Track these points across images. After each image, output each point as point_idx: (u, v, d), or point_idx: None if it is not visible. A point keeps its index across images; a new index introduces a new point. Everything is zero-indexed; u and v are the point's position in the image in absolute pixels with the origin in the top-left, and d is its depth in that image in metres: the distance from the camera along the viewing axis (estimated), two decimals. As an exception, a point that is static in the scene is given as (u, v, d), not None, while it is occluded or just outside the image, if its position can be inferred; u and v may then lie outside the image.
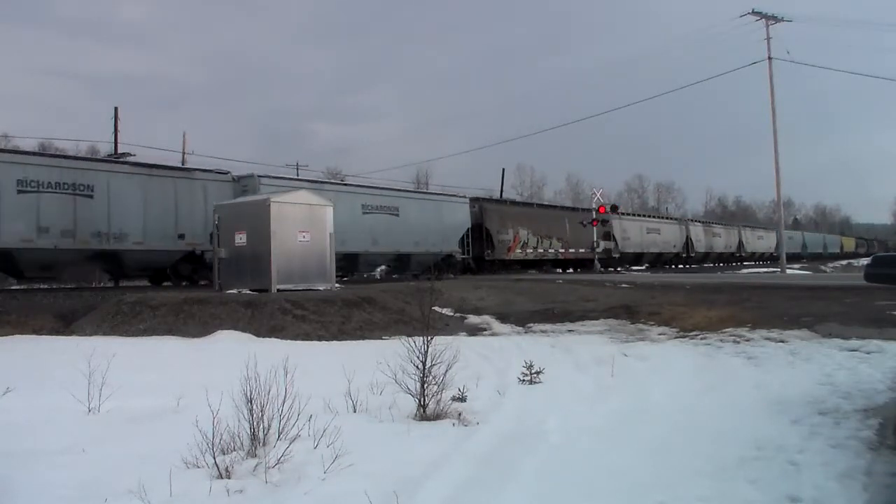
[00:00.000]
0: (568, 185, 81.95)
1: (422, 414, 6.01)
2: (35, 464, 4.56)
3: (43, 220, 16.04)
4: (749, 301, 13.32)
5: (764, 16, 31.46)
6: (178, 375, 7.86)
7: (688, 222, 49.18)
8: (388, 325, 13.05)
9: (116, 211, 17.34)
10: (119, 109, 33.50)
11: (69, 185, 16.61)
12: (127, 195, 17.61)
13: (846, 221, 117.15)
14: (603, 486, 4.26)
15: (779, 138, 32.21)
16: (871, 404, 5.78)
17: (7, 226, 15.47)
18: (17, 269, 16.84)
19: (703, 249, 47.87)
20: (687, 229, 46.36)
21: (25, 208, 15.73)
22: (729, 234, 53.44)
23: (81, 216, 16.66)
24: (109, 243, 17.28)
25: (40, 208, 15.97)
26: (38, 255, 16.33)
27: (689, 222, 49.31)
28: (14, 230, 15.58)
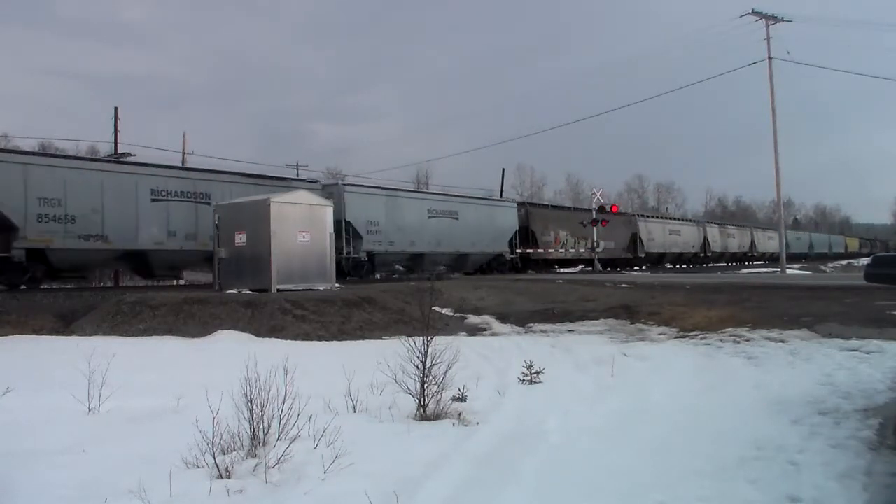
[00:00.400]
0: (568, 185, 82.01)
1: (422, 414, 6.01)
2: (35, 464, 4.56)
3: (171, 224, 18.55)
4: (749, 301, 13.32)
5: (764, 16, 31.44)
6: (178, 375, 7.87)
7: (705, 224, 51.76)
8: (388, 325, 13.05)
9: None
10: (119, 109, 33.47)
11: (191, 193, 19.10)
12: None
13: (846, 221, 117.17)
14: (603, 486, 4.26)
15: (779, 138, 32.21)
16: (871, 404, 5.78)
17: (143, 230, 17.86)
18: (150, 270, 19.36)
19: (719, 249, 50.39)
20: (704, 230, 49.03)
21: (157, 214, 18.23)
22: (742, 235, 56.03)
23: (201, 222, 18.85)
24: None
25: (169, 214, 18.49)
26: (167, 256, 18.89)
27: (706, 224, 51.94)
28: (148, 234, 17.98)
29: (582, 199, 61.63)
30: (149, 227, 18.06)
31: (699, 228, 48.88)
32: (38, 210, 15.83)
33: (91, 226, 16.80)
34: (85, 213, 16.65)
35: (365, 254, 23.05)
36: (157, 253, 18.53)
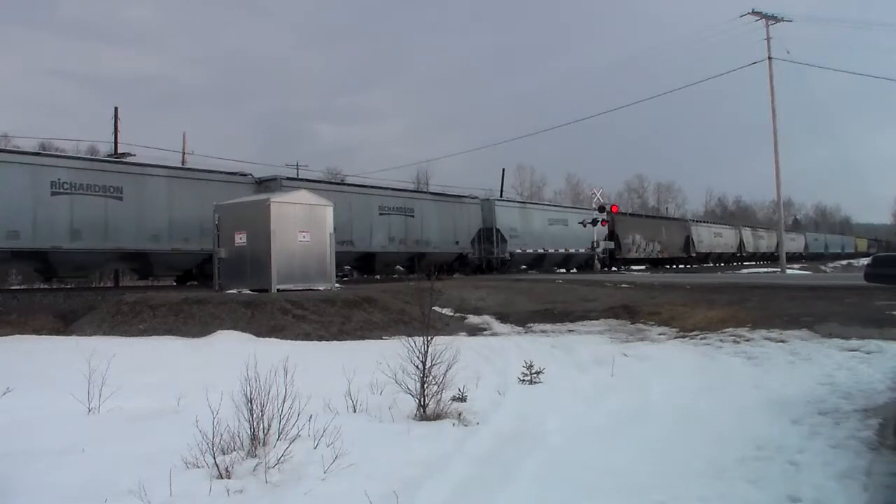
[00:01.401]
0: (568, 185, 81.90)
1: (422, 414, 6.01)
2: (35, 464, 4.56)
3: (391, 232, 24.54)
4: (749, 301, 13.32)
5: (764, 16, 31.44)
6: (178, 375, 7.87)
7: (740, 228, 58.41)
8: (389, 325, 13.05)
9: (426, 226, 26.19)
10: (119, 109, 33.52)
11: (402, 208, 25.24)
12: (430, 215, 26.51)
13: (846, 221, 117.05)
14: (603, 487, 4.26)
15: (779, 138, 32.31)
16: (871, 404, 5.78)
17: (374, 238, 23.91)
18: (373, 266, 24.66)
19: (751, 250, 57.41)
20: (740, 233, 56.42)
21: (383, 225, 24.29)
22: (770, 237, 62.46)
23: (410, 230, 25.36)
24: (419, 247, 25.65)
25: (391, 225, 24.56)
26: (387, 256, 24.64)
27: (741, 227, 58.74)
28: (377, 240, 24.01)
29: (582, 200, 61.65)
30: (377, 234, 23.94)
31: (735, 231, 55.59)
32: None
33: (344, 234, 21.61)
34: (341, 224, 20.49)
35: (509, 254, 29.37)
36: (381, 254, 24.31)
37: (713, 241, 50.55)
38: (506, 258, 29.35)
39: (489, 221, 28.89)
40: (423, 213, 26.19)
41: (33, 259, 16.79)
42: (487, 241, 28.77)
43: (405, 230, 25.27)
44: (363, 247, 23.48)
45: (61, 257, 16.78)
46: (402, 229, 25.17)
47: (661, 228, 44.02)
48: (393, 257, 25.17)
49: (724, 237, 52.68)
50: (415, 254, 25.66)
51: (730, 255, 53.09)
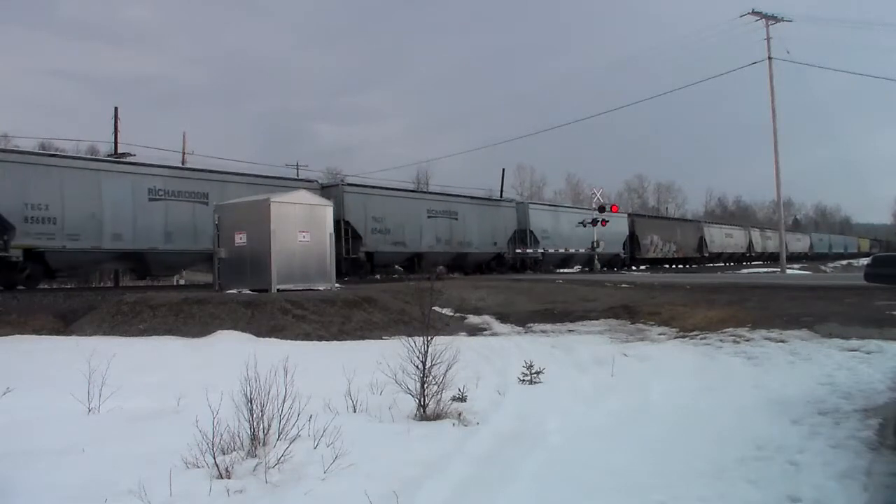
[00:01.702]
0: (568, 185, 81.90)
1: (422, 414, 6.01)
2: (35, 464, 4.56)
3: (437, 234, 27.37)
4: (749, 301, 13.31)
5: (764, 16, 31.44)
6: (178, 375, 7.87)
7: (749, 229, 60.82)
8: (389, 325, 13.05)
9: (468, 228, 28.83)
10: (119, 109, 33.56)
11: (447, 212, 27.97)
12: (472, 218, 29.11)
13: (846, 221, 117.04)
14: (603, 487, 4.26)
15: (779, 138, 32.32)
16: (871, 404, 5.78)
17: (423, 239, 26.44)
18: (422, 265, 25.62)
19: (759, 250, 59.59)
20: (749, 234, 58.84)
21: (431, 227, 27.04)
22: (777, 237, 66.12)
23: (454, 232, 28.10)
24: (462, 248, 28.52)
25: (437, 227, 27.30)
26: (433, 256, 26.41)
27: (750, 229, 61.12)
28: (425, 241, 26.54)
29: (582, 200, 61.70)
30: (425, 236, 26.66)
31: (745, 232, 57.85)
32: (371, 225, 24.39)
33: (397, 236, 25.20)
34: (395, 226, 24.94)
35: (541, 254, 31.74)
36: (429, 254, 26.42)
37: (724, 241, 53.04)
38: (538, 258, 31.87)
39: (523, 223, 31.42)
40: (466, 216, 28.78)
41: (132, 259, 18.83)
42: (521, 242, 31.22)
43: (450, 232, 27.99)
44: (414, 248, 26.17)
45: (156, 258, 18.96)
46: (448, 231, 27.89)
47: (677, 230, 46.55)
48: (439, 257, 27.03)
49: (734, 237, 55.17)
50: (458, 254, 28.49)
51: (740, 255, 55.50)
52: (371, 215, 24.36)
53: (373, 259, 24.53)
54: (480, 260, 29.75)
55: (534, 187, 77.19)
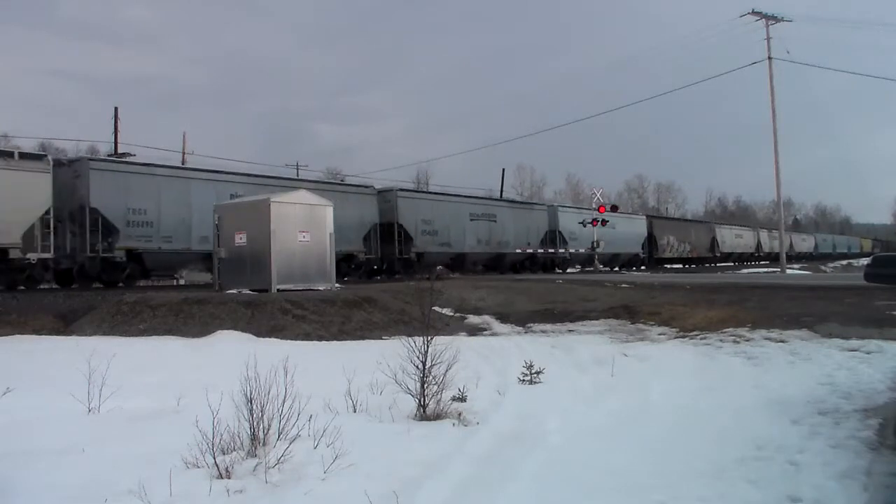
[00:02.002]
0: (568, 185, 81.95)
1: (422, 414, 6.00)
2: (35, 464, 4.56)
3: (478, 235, 29.84)
4: (749, 301, 13.32)
5: (764, 16, 31.43)
6: (178, 375, 7.87)
7: (758, 229, 63.49)
8: (389, 325, 13.05)
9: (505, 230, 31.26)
10: (119, 110, 33.63)
11: (486, 215, 30.48)
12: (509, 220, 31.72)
13: (846, 221, 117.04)
14: (603, 486, 4.26)
15: (779, 138, 32.33)
16: (871, 404, 5.78)
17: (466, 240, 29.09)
18: (465, 264, 29.34)
19: (767, 250, 61.37)
20: (758, 235, 61.32)
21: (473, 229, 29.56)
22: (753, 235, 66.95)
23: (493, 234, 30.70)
24: (500, 248, 30.98)
25: (478, 229, 29.80)
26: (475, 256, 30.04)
27: (759, 229, 63.80)
28: (468, 242, 29.29)
29: (582, 199, 61.77)
30: (468, 237, 29.29)
31: (754, 233, 60.36)
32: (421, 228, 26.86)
33: (443, 237, 27.80)
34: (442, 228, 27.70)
35: (569, 254, 34.92)
36: (471, 254, 29.56)
37: (734, 241, 55.76)
38: (566, 257, 34.87)
39: (553, 225, 34.36)
40: (503, 219, 31.32)
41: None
42: (552, 243, 34.01)
43: (490, 234, 30.46)
44: (458, 248, 28.80)
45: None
46: (488, 233, 30.35)
47: (691, 231, 49.53)
48: (480, 257, 30.26)
49: (744, 238, 57.91)
50: (497, 254, 30.98)
51: (749, 255, 58.32)
52: (421, 218, 26.76)
53: (422, 259, 26.26)
54: (516, 259, 32.02)
55: (534, 187, 77.25)
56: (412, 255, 25.92)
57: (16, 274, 16.26)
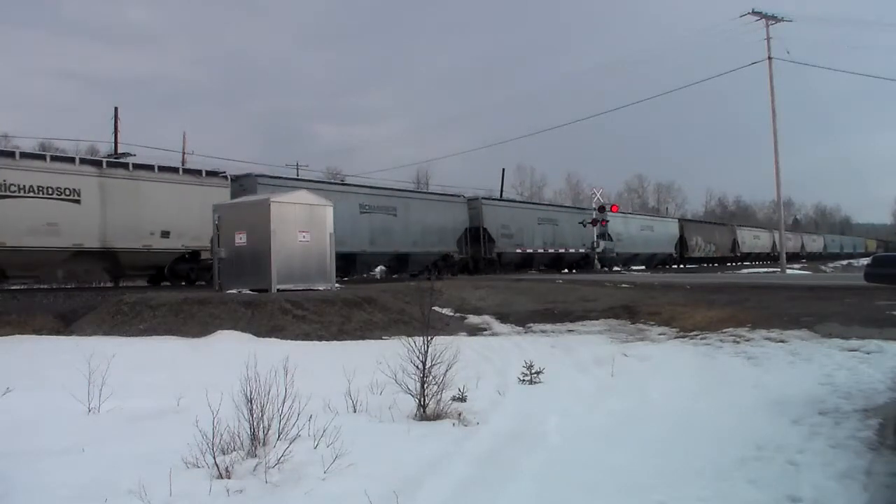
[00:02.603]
0: (568, 185, 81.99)
1: (422, 414, 6.01)
2: (35, 464, 4.56)
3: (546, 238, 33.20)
4: (749, 301, 13.32)
5: (764, 16, 31.44)
6: (178, 375, 7.87)
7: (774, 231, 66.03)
8: (389, 325, 13.04)
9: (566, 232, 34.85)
10: (119, 110, 33.62)
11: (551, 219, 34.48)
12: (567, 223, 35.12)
13: (846, 221, 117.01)
14: (603, 486, 4.26)
15: (779, 138, 32.38)
16: (871, 404, 5.78)
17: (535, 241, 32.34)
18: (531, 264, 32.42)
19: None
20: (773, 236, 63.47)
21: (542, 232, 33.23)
22: (796, 238, 72.13)
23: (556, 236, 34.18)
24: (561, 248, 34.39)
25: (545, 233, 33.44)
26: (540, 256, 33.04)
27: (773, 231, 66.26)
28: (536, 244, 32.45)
29: (582, 199, 61.82)
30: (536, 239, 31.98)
31: (770, 234, 62.76)
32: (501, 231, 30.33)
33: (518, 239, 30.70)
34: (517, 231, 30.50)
35: (615, 254, 37.79)
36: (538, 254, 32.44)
37: (753, 242, 59.73)
38: (614, 257, 37.94)
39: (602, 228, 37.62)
40: (563, 223, 34.72)
41: (345, 259, 22.11)
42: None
43: (553, 236, 33.77)
44: (529, 249, 31.84)
45: (362, 258, 23.82)
46: (552, 235, 33.67)
47: (715, 232, 53.50)
48: (545, 257, 33.34)
49: (761, 239, 61.90)
50: (558, 254, 34.16)
51: (765, 255, 61.56)
52: (500, 223, 30.26)
53: (501, 258, 30.07)
54: (573, 259, 35.58)
55: (534, 187, 77.28)
56: (494, 255, 29.56)
57: (204, 272, 19.07)
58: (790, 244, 66.86)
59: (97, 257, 18.06)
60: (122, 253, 17.87)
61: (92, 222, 17.11)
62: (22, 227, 15.87)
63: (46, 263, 17.53)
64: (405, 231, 25.73)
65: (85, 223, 16.97)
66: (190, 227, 18.81)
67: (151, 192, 18.28)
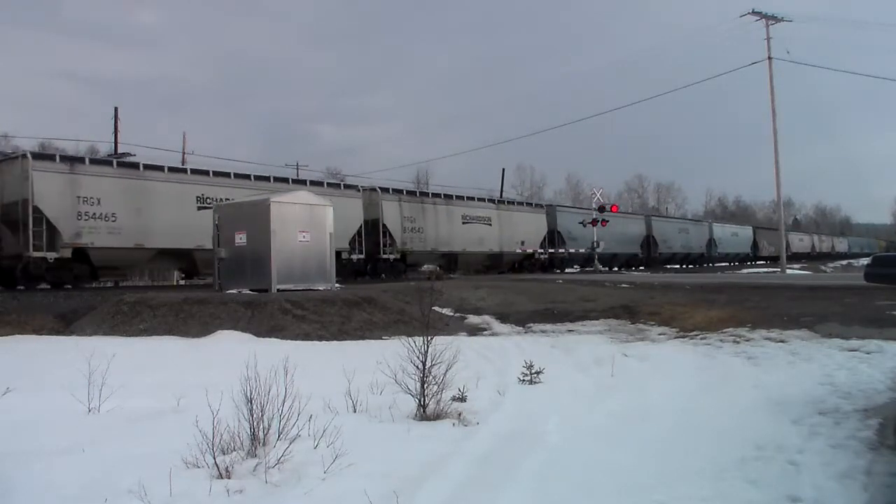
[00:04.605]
0: (568, 185, 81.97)
1: (422, 414, 6.00)
2: (35, 464, 4.56)
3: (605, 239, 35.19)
4: (749, 301, 13.31)
5: (764, 16, 31.44)
6: (178, 375, 7.86)
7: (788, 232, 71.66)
8: (389, 325, 13.04)
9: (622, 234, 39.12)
10: (120, 110, 33.68)
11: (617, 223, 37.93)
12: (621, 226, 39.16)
13: (846, 221, 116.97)
14: (603, 486, 4.25)
15: (779, 138, 32.46)
16: (871, 404, 5.78)
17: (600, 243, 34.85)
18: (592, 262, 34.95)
19: (795, 250, 67.17)
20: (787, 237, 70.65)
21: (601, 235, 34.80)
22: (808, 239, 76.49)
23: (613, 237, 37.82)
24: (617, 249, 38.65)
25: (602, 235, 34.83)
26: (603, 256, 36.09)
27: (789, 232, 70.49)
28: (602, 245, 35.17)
29: (582, 199, 61.81)
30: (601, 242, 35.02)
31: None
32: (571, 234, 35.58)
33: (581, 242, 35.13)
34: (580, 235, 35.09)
35: (659, 254, 43.52)
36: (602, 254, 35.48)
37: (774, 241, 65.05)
38: (657, 258, 43.26)
39: (649, 230, 43.41)
40: (619, 225, 38.23)
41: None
42: (647, 246, 42.96)
43: (610, 238, 36.41)
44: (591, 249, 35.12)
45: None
46: (609, 237, 36.31)
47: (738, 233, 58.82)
48: (603, 256, 36.25)
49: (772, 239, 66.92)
50: (614, 254, 38.54)
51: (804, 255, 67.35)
52: (569, 227, 35.10)
53: (571, 256, 35.12)
54: (625, 259, 40.85)
55: (534, 187, 77.27)
56: (566, 254, 34.63)
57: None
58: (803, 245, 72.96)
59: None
60: (505, 254, 28.21)
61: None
62: None
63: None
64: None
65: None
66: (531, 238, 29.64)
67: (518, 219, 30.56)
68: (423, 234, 27.58)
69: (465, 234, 29.38)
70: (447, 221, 28.76)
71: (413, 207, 27.35)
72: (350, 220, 23.14)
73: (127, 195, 18.22)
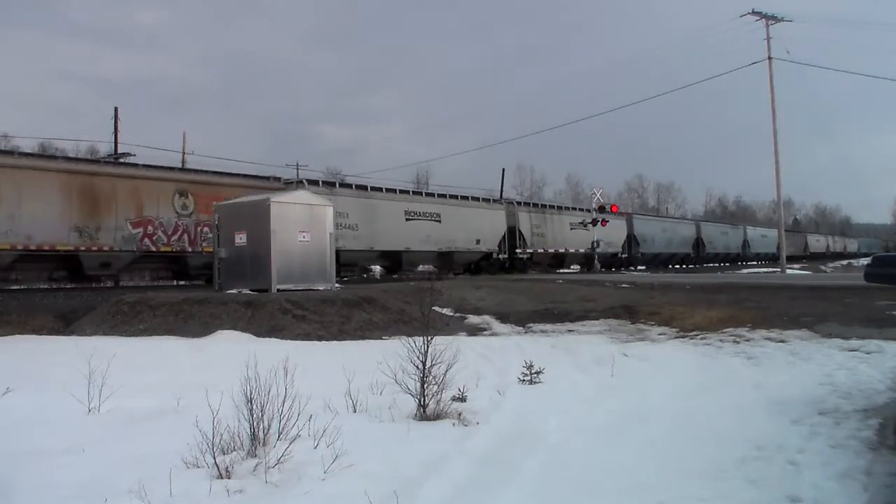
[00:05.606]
0: (568, 185, 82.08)
1: (422, 414, 6.00)
2: (35, 464, 4.56)
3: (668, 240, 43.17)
4: (749, 301, 13.31)
5: (764, 16, 31.42)
6: (177, 375, 7.86)
7: (806, 234, 76.62)
8: (389, 325, 13.04)
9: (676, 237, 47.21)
10: (120, 110, 33.68)
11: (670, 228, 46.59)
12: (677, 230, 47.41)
13: (846, 221, 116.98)
14: (603, 486, 4.26)
15: (779, 138, 32.44)
16: (871, 404, 5.78)
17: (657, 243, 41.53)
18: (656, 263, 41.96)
19: (814, 250, 72.41)
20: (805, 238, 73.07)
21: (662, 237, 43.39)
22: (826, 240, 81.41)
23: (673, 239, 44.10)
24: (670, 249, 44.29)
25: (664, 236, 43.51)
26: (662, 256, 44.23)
27: (807, 234, 76.99)
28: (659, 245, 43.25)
29: (582, 199, 61.82)
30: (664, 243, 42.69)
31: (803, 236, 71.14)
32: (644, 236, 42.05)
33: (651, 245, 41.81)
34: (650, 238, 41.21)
35: (705, 255, 49.32)
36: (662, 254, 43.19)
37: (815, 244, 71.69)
38: (703, 257, 49.06)
39: (698, 233, 49.57)
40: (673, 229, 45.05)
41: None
42: (697, 246, 48.91)
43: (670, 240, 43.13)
44: (658, 251, 42.28)
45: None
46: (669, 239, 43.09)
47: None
48: (661, 257, 42.28)
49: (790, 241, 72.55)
50: (672, 254, 45.16)
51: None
52: (643, 232, 41.11)
53: (643, 256, 40.96)
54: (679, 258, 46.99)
55: (534, 187, 77.34)
56: (639, 255, 39.93)
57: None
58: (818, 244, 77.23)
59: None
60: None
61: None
62: None
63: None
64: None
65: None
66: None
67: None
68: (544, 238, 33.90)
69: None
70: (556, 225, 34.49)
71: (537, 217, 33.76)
72: (497, 228, 30.55)
73: (361, 210, 23.89)
